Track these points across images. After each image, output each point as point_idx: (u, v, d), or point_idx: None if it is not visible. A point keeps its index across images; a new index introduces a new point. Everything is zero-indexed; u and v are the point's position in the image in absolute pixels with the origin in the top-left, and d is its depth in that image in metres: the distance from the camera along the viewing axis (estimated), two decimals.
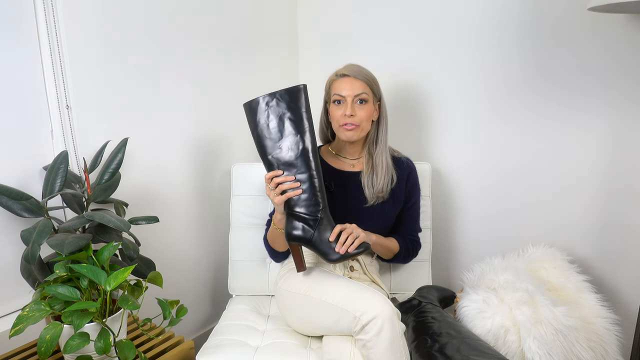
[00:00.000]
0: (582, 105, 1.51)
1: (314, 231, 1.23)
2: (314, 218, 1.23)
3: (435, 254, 1.83)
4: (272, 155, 1.23)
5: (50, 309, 0.98)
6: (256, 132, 1.23)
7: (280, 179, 1.22)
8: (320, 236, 1.23)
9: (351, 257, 1.22)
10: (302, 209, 1.23)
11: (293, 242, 1.25)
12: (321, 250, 1.23)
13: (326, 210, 1.25)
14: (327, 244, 1.22)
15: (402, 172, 1.47)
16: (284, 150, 1.21)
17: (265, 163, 1.25)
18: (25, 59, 1.25)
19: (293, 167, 1.22)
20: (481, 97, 1.69)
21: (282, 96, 1.20)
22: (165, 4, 1.53)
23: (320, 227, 1.23)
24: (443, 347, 1.15)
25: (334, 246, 1.22)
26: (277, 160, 1.23)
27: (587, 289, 1.41)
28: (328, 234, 1.23)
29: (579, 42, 1.47)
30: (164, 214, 1.61)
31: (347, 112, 1.34)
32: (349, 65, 1.39)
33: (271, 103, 1.20)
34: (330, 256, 1.22)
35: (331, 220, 1.26)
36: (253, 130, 1.24)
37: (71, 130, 1.33)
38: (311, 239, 1.23)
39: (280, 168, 1.23)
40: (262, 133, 1.22)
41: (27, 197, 1.14)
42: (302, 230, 1.23)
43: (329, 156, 1.49)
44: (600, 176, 1.52)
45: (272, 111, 1.21)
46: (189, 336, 1.78)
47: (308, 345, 1.30)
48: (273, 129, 1.21)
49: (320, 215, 1.23)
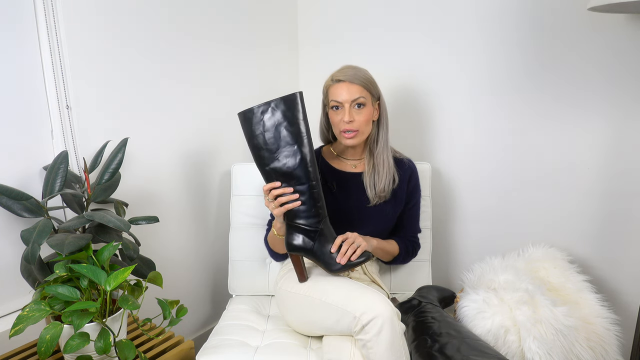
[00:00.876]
0: (583, 105, 1.51)
1: (314, 242, 1.22)
2: (314, 229, 1.22)
3: (435, 254, 1.83)
4: (269, 167, 1.20)
5: (50, 309, 0.98)
6: (252, 142, 1.20)
7: (279, 191, 1.20)
8: (321, 247, 1.22)
9: (353, 266, 1.22)
10: (302, 220, 1.22)
11: (293, 253, 1.25)
12: (322, 261, 1.23)
13: (326, 221, 1.24)
14: (328, 254, 1.22)
15: (404, 173, 1.47)
16: (282, 161, 1.19)
17: (263, 174, 1.23)
18: (25, 58, 1.25)
19: (291, 179, 1.20)
20: (481, 98, 1.69)
21: (277, 105, 1.17)
22: (166, 4, 1.53)
23: (320, 238, 1.22)
24: (443, 347, 1.15)
25: (335, 257, 1.22)
26: (274, 171, 1.20)
27: (587, 289, 1.41)
28: (329, 245, 1.22)
29: (579, 43, 1.47)
30: (164, 214, 1.61)
31: (345, 118, 1.32)
32: (344, 68, 1.37)
33: (266, 112, 1.17)
34: (332, 267, 1.22)
35: (332, 230, 1.25)
36: (249, 140, 1.21)
37: (71, 130, 1.33)
38: (312, 249, 1.23)
39: (278, 179, 1.21)
40: (259, 144, 1.19)
41: (27, 197, 1.14)
42: (303, 241, 1.23)
43: (330, 157, 1.49)
44: (601, 176, 1.52)
45: (267, 121, 1.18)
46: (189, 336, 1.78)
47: (308, 345, 1.30)
48: (269, 139, 1.18)
49: (320, 227, 1.22)
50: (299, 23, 2.09)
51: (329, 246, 1.22)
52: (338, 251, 1.22)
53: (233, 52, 1.80)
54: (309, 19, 2.05)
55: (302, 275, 1.28)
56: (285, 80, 2.07)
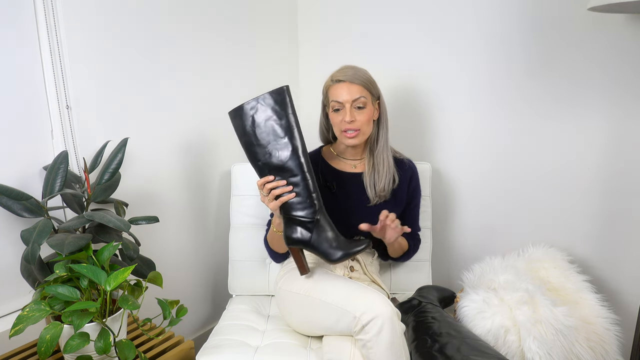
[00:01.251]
0: (583, 105, 1.51)
1: (312, 233, 1.23)
2: (311, 220, 1.22)
3: (435, 254, 1.83)
4: (261, 162, 1.21)
5: (50, 309, 0.98)
6: (244, 139, 1.22)
7: (272, 185, 1.21)
8: (319, 238, 1.22)
9: (353, 255, 1.21)
10: (298, 212, 1.22)
11: (293, 246, 1.25)
12: (322, 252, 1.22)
13: (322, 211, 1.24)
14: (326, 244, 1.22)
15: (404, 174, 1.47)
16: (273, 154, 1.20)
17: (256, 169, 1.24)
18: (25, 59, 1.25)
19: (284, 171, 1.21)
20: (481, 97, 1.69)
21: (264, 100, 1.18)
22: (166, 5, 1.53)
23: (317, 229, 1.22)
24: (443, 347, 1.15)
25: (335, 246, 1.21)
26: (267, 165, 1.21)
27: (587, 289, 1.41)
28: (327, 234, 1.22)
29: (579, 43, 1.47)
30: (164, 214, 1.61)
31: (346, 118, 1.33)
32: (344, 68, 1.38)
33: (255, 108, 1.19)
34: (331, 257, 1.21)
35: (329, 220, 1.25)
36: (240, 137, 1.22)
37: (71, 130, 1.33)
38: (309, 241, 1.23)
39: (271, 173, 1.22)
40: (249, 139, 1.21)
41: (27, 197, 1.14)
42: (300, 233, 1.23)
43: (330, 157, 1.49)
44: (601, 176, 1.52)
45: (257, 116, 1.19)
46: (189, 336, 1.78)
47: (308, 345, 1.30)
48: (260, 134, 1.19)
49: (317, 217, 1.23)
50: (299, 23, 2.08)
51: (328, 236, 1.22)
52: (337, 242, 1.22)
53: (233, 52, 1.80)
54: (309, 19, 2.05)
55: (303, 269, 1.28)
56: (285, 80, 2.06)
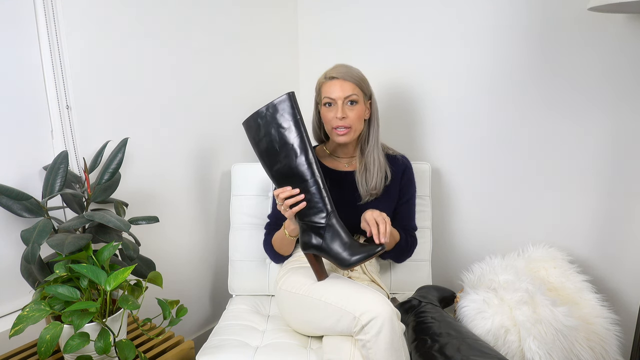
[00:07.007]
0: (583, 105, 1.51)
1: (323, 239, 1.23)
2: (323, 225, 1.23)
3: (435, 254, 1.83)
4: (274, 169, 1.24)
5: (50, 309, 0.99)
6: (258, 149, 1.25)
7: (286, 194, 1.22)
8: (331, 243, 1.22)
9: (366, 259, 1.19)
10: (309, 217, 1.23)
11: (307, 252, 1.25)
12: (334, 257, 1.22)
13: (334, 217, 1.24)
14: (340, 249, 1.21)
15: (397, 170, 1.47)
16: (282, 162, 1.22)
17: (271, 178, 1.26)
18: (25, 58, 1.25)
19: (294, 179, 1.22)
20: (481, 98, 1.69)
21: (269, 109, 1.20)
22: (166, 6, 1.53)
23: (329, 234, 1.22)
24: (443, 347, 1.15)
25: (348, 252, 1.19)
26: (279, 173, 1.23)
27: (587, 289, 1.41)
28: (339, 239, 1.22)
29: (579, 43, 1.47)
30: (164, 214, 1.61)
31: (338, 114, 1.34)
32: (337, 66, 1.40)
33: (262, 118, 1.21)
34: (345, 262, 1.20)
35: (342, 224, 1.24)
36: (255, 147, 1.26)
37: (71, 130, 1.33)
38: (321, 246, 1.23)
39: (284, 181, 1.23)
40: (262, 149, 1.23)
41: (27, 197, 1.14)
42: (314, 239, 1.23)
43: (323, 156, 1.50)
44: (601, 176, 1.52)
45: (264, 126, 1.21)
46: (189, 336, 1.78)
47: (308, 345, 1.30)
48: (269, 143, 1.22)
49: (328, 222, 1.23)
50: (299, 23, 2.09)
51: (341, 241, 1.21)
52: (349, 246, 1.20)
53: (233, 52, 1.80)
54: (309, 19, 2.05)
55: (318, 274, 1.27)
56: (285, 81, 2.07)
